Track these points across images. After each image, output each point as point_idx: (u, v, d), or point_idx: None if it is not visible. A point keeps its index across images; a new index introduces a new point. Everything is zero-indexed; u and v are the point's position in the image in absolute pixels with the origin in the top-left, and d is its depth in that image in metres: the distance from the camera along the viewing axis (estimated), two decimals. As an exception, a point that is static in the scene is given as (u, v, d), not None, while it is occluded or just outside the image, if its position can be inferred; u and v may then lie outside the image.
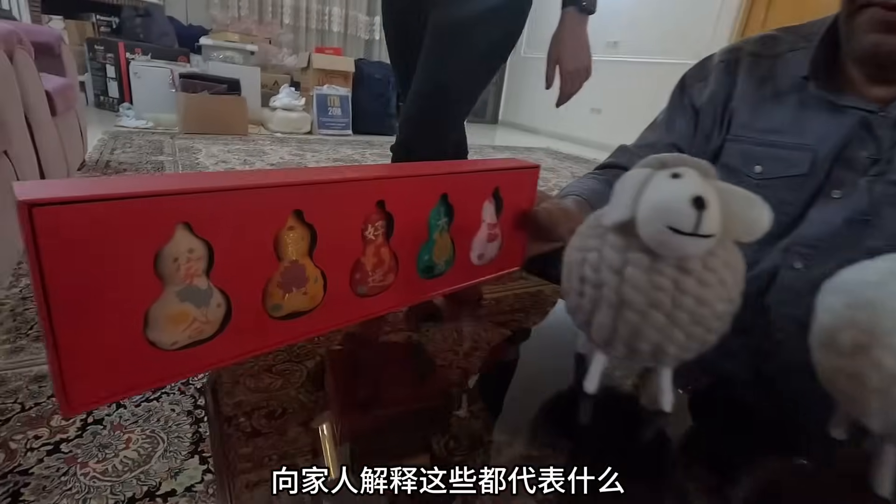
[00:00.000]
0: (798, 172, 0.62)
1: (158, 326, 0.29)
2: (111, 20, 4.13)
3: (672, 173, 0.28)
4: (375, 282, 0.41)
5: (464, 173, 0.45)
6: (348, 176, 0.36)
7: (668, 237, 0.27)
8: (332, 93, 4.15)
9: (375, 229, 0.39)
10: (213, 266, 0.30)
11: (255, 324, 0.34)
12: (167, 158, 2.69)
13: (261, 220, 0.32)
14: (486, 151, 4.42)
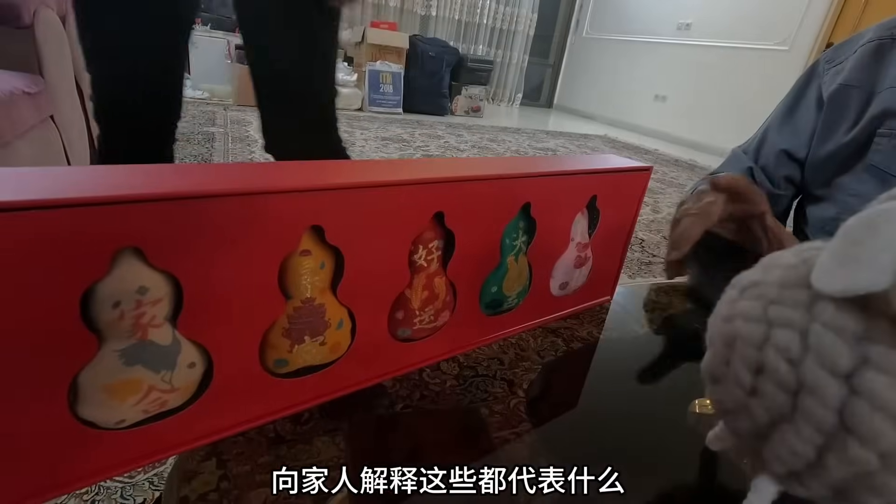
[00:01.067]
0: None
1: (93, 400, 0.19)
2: (173, -11, 4.16)
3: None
4: (424, 322, 0.29)
5: (555, 175, 0.32)
6: (394, 177, 0.24)
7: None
8: (385, 69, 4.05)
9: (429, 252, 0.28)
10: (183, 310, 0.20)
11: (247, 386, 0.23)
12: (219, 130, 2.68)
13: (258, 242, 0.21)
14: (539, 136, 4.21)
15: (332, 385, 0.27)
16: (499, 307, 0.34)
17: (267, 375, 0.24)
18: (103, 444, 0.20)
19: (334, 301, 0.25)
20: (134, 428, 0.21)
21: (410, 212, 0.26)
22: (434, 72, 4.54)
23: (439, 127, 3.85)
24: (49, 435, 0.19)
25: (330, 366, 0.26)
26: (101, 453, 0.20)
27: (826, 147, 0.55)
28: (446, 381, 0.31)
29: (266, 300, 0.22)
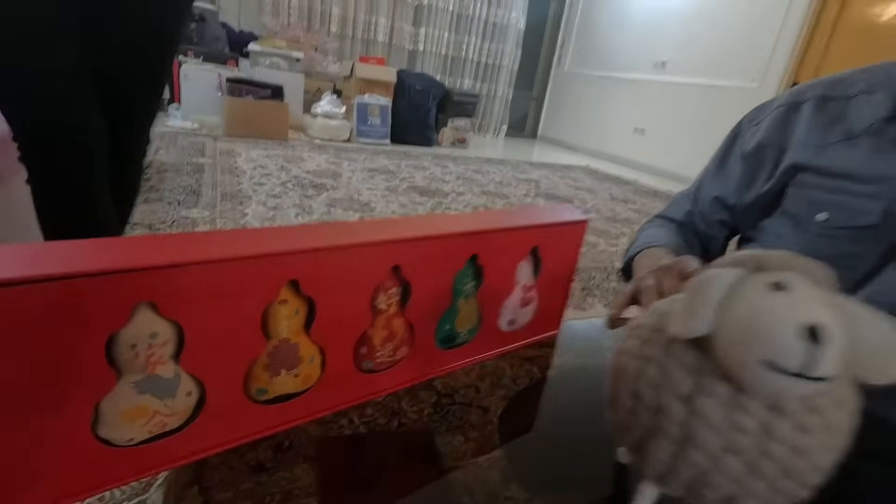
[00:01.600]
0: (868, 223, 0.53)
1: (111, 423, 0.24)
2: (167, 24, 4.27)
3: (773, 282, 0.21)
4: (385, 356, 0.35)
5: (498, 231, 0.38)
6: (358, 239, 0.30)
7: (762, 374, 0.20)
8: (373, 102, 4.17)
9: (388, 297, 0.33)
10: (184, 349, 0.25)
11: (234, 411, 0.29)
12: (207, 161, 2.73)
13: (245, 294, 0.27)
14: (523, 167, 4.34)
15: (306, 410, 0.32)
16: (452, 342, 0.40)
17: (249, 402, 0.29)
18: (116, 458, 0.25)
19: (307, 340, 0.30)
20: (140, 445, 0.26)
21: (372, 266, 0.32)
22: (421, 105, 4.68)
23: (425, 158, 3.95)
24: (75, 450, 0.24)
25: (303, 394, 0.32)
26: (114, 466, 0.25)
27: (749, 196, 0.63)
28: (424, 408, 0.36)
29: (250, 340, 0.28)
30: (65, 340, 0.22)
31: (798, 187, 0.60)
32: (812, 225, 0.58)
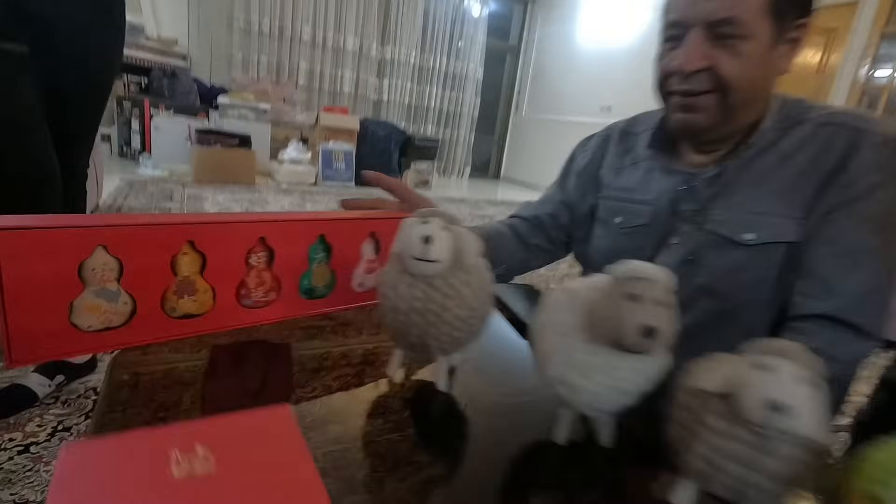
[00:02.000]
0: (643, 223, 0.76)
1: (78, 314, 0.44)
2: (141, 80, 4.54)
3: (422, 220, 0.43)
4: (258, 297, 0.55)
5: (342, 220, 0.60)
6: (235, 219, 0.51)
7: (409, 261, 0.41)
8: (337, 148, 4.45)
9: (258, 258, 0.54)
10: (123, 275, 0.45)
11: (155, 319, 0.48)
12: (175, 205, 2.92)
13: (162, 246, 0.47)
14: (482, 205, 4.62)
15: (204, 326, 0.52)
16: (312, 293, 0.60)
17: (164, 315, 0.49)
18: (80, 337, 0.44)
19: (202, 280, 0.50)
20: (95, 332, 0.45)
21: (245, 235, 0.52)
22: (384, 150, 5.00)
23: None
24: (57, 329, 0.43)
25: (202, 316, 0.51)
26: (79, 342, 0.44)
27: (583, 207, 0.86)
28: (295, 335, 0.56)
29: (164, 275, 0.48)
30: (57, 263, 0.41)
31: (605, 199, 0.84)
32: (613, 227, 0.81)
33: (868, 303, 0.60)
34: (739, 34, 0.60)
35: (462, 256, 0.42)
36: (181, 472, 0.23)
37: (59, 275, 0.42)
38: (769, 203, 0.65)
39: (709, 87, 0.63)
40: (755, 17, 0.60)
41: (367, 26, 5.88)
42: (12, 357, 0.41)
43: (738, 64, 0.61)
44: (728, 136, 0.69)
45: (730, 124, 0.67)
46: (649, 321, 0.30)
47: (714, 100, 0.64)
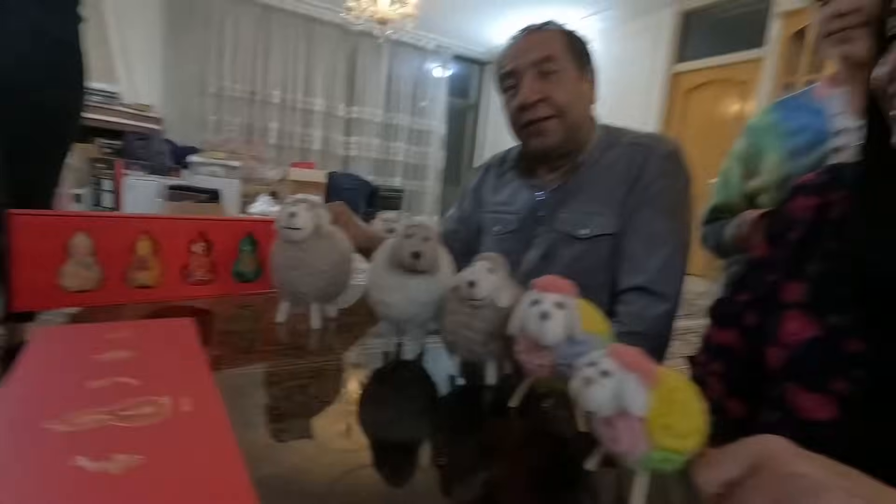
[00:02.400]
0: (513, 229, 0.98)
1: (64, 277, 0.62)
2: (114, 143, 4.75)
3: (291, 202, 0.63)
4: (200, 276, 0.74)
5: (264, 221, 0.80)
6: (181, 216, 0.71)
7: (280, 231, 0.61)
8: (304, 200, 4.67)
9: (198, 247, 0.74)
10: (96, 252, 0.64)
11: (118, 286, 0.67)
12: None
13: (124, 235, 0.66)
14: (444, 249, 4.85)
15: (157, 295, 0.70)
16: (243, 278, 0.79)
17: (125, 285, 0.67)
18: (65, 294, 0.62)
19: (155, 260, 0.69)
20: (75, 292, 0.63)
21: (189, 229, 0.72)
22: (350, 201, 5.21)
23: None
24: (49, 289, 0.61)
25: (154, 287, 0.70)
26: (63, 298, 0.62)
27: (474, 221, 1.08)
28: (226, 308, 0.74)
29: (126, 254, 0.67)
30: (51, 240, 0.60)
31: (487, 213, 1.06)
32: (493, 234, 1.03)
33: (666, 274, 0.82)
34: (557, 68, 0.85)
35: (321, 227, 0.62)
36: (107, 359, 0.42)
37: (52, 248, 0.61)
38: (596, 205, 0.88)
39: (549, 113, 0.87)
40: (563, 55, 0.85)
41: (334, 89, 6.30)
42: (15, 303, 0.59)
43: (564, 91, 0.86)
44: (568, 155, 0.93)
45: (570, 142, 0.90)
46: (416, 248, 0.51)
47: (556, 123, 0.88)
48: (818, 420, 0.44)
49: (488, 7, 5.40)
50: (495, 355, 0.52)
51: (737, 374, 0.60)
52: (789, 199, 0.55)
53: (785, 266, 0.52)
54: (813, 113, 0.89)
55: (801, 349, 0.46)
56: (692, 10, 4.63)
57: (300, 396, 0.47)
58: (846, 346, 0.43)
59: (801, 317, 0.47)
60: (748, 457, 0.30)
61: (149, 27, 5.16)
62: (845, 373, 0.43)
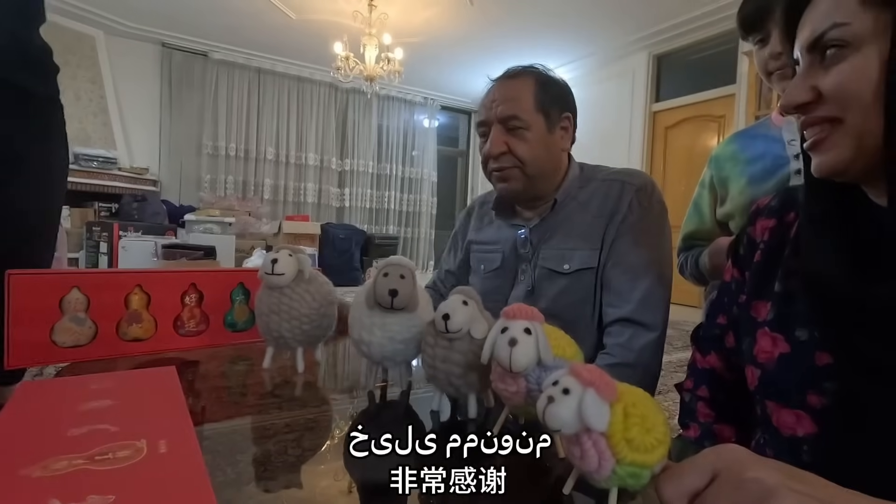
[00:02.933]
0: (497, 267, 1.01)
1: (57, 334, 0.64)
2: (111, 206, 4.84)
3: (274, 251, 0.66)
4: (191, 328, 0.76)
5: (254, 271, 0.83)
6: (172, 268, 0.74)
7: (264, 277, 0.64)
8: (300, 252, 4.72)
9: (190, 298, 0.76)
10: (90, 307, 0.66)
11: (112, 340, 0.68)
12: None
13: (117, 288, 0.69)
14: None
15: (148, 348, 0.72)
16: (235, 328, 0.81)
17: (119, 338, 0.69)
18: (57, 350, 0.64)
19: (147, 313, 0.72)
20: (68, 347, 0.65)
21: (181, 281, 0.74)
22: (345, 250, 5.30)
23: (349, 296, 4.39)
24: (43, 344, 0.63)
25: (147, 339, 0.71)
26: (56, 354, 0.64)
27: (463, 263, 1.11)
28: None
29: (119, 308, 0.69)
30: (46, 298, 0.63)
31: (473, 252, 1.10)
32: (480, 272, 1.06)
33: (649, 304, 0.85)
34: (522, 126, 0.90)
35: (303, 272, 0.65)
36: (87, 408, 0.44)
37: (47, 306, 0.63)
38: (576, 240, 0.91)
39: (511, 164, 0.92)
40: (529, 113, 0.91)
41: (326, 144, 6.49)
42: (9, 361, 0.60)
43: (525, 146, 0.91)
44: (542, 196, 0.97)
45: (535, 188, 0.94)
46: (392, 286, 0.54)
47: (518, 172, 0.92)
48: (798, 437, 0.45)
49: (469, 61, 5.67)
50: (476, 388, 0.53)
51: (723, 397, 0.62)
52: (750, 223, 0.58)
53: (752, 287, 0.54)
54: (770, 140, 0.94)
55: (773, 366, 0.48)
56: (664, 53, 4.88)
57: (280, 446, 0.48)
58: (815, 359, 0.44)
59: (770, 335, 0.49)
60: (708, 467, 0.32)
61: (146, 94, 5.37)
62: (818, 386, 0.44)
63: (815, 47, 0.41)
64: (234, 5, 4.50)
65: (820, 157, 0.43)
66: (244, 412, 0.57)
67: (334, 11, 4.47)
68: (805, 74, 0.42)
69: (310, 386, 0.66)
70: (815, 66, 0.42)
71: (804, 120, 0.43)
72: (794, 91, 0.43)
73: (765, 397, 0.49)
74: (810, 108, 0.42)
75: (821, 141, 0.42)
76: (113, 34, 5.04)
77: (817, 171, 0.44)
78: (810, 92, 0.41)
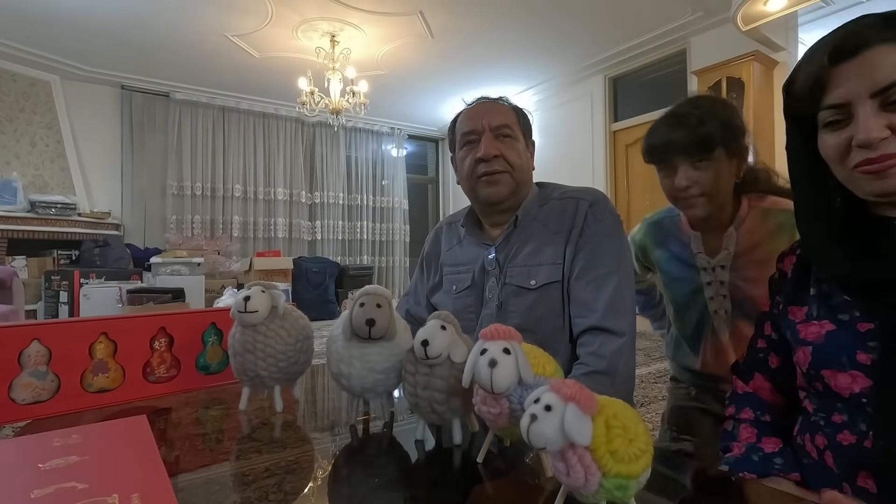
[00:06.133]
0: (467, 286, 1.01)
1: (16, 390, 0.60)
2: (72, 253, 4.67)
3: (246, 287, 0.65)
4: (161, 374, 0.73)
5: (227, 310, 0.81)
6: (138, 313, 0.71)
7: (237, 316, 0.62)
8: (272, 288, 4.63)
9: (159, 343, 0.73)
10: (52, 360, 0.63)
11: (76, 394, 0.65)
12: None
13: (81, 338, 0.66)
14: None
15: (116, 398, 0.68)
16: (207, 370, 0.78)
17: (83, 390, 0.66)
18: (16, 408, 0.60)
19: (114, 362, 0.69)
20: (27, 404, 0.61)
21: (150, 325, 0.72)
22: (319, 283, 5.23)
23: (325, 329, 4.32)
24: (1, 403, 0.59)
25: (114, 390, 0.68)
26: (15, 412, 0.60)
27: (430, 283, 1.11)
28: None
29: (83, 359, 0.66)
30: (2, 352, 0.60)
31: (445, 274, 1.10)
32: (452, 293, 1.06)
33: (615, 310, 0.86)
34: (512, 135, 0.94)
35: (276, 308, 0.64)
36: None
37: (3, 361, 0.60)
38: (540, 257, 0.93)
39: (502, 168, 0.94)
40: (516, 126, 0.95)
41: (295, 178, 6.45)
42: (-37, 425, 0.56)
43: (515, 153, 0.94)
44: (510, 210, 0.99)
45: (517, 195, 0.97)
46: (369, 315, 0.53)
47: (508, 178, 0.95)
48: (857, 393, 0.50)
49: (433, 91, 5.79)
50: (459, 413, 0.53)
51: (767, 416, 0.66)
52: (779, 261, 0.66)
53: (787, 296, 0.61)
54: (682, 245, 1.02)
55: (823, 340, 0.54)
56: (618, 75, 5.10)
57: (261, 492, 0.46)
58: (858, 327, 0.51)
59: (816, 322, 0.55)
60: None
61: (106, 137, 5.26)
62: (864, 346, 0.50)
63: (881, 93, 0.47)
64: (195, 46, 4.50)
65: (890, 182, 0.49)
66: (221, 459, 0.55)
67: (297, 49, 4.52)
68: (876, 115, 0.48)
69: (289, 426, 0.64)
70: (880, 111, 0.48)
71: (881, 155, 0.48)
72: (873, 128, 0.48)
73: (820, 368, 0.54)
74: (883, 144, 0.48)
75: (886, 168, 0.48)
76: (69, 78, 4.96)
77: (883, 192, 0.50)
78: (886, 130, 0.47)
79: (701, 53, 4.20)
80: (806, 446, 0.56)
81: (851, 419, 0.51)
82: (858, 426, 0.50)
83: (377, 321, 0.53)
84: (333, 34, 4.25)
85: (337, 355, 0.57)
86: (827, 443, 0.53)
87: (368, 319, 0.53)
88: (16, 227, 4.17)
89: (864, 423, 0.50)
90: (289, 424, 0.64)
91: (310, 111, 4.57)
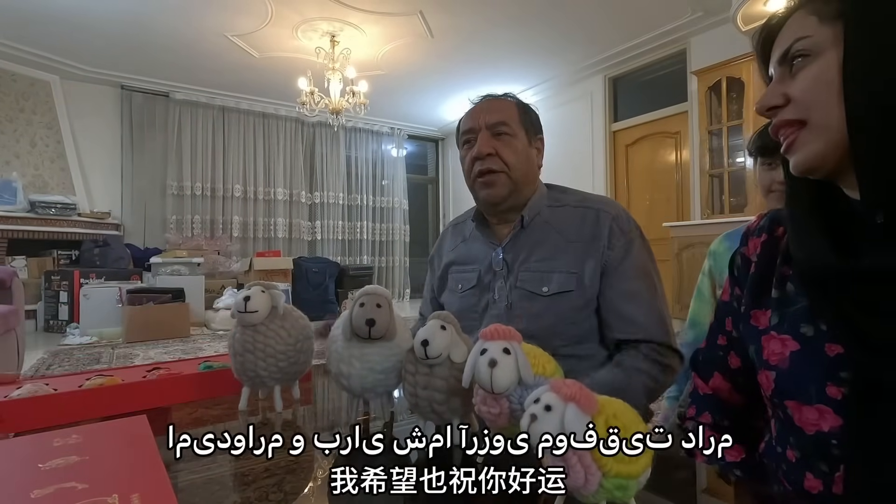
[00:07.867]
0: (472, 285, 1.01)
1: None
2: (72, 253, 4.67)
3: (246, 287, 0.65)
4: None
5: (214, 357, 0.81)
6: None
7: (237, 316, 0.62)
8: (272, 288, 4.63)
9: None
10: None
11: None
12: (103, 365, 2.91)
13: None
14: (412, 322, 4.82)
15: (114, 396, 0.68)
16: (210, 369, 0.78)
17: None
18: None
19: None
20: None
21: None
22: (319, 283, 5.23)
23: (323, 327, 4.31)
24: None
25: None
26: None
27: (436, 282, 1.11)
28: None
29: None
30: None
31: (451, 273, 1.10)
32: (458, 292, 1.06)
33: (656, 323, 0.88)
34: (509, 132, 0.93)
35: (277, 308, 0.63)
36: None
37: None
38: (553, 264, 0.93)
39: (498, 167, 0.93)
40: (515, 123, 0.94)
41: (295, 178, 6.46)
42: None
43: (511, 151, 0.93)
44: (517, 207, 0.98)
45: (517, 195, 0.96)
46: (369, 315, 0.53)
47: (504, 178, 0.94)
48: (824, 432, 0.45)
49: (433, 91, 5.79)
50: (459, 413, 0.53)
51: (727, 422, 0.62)
52: (742, 244, 0.60)
53: (749, 298, 0.56)
54: None
55: (787, 366, 0.48)
56: (618, 75, 5.10)
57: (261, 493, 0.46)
58: (826, 351, 0.45)
59: (778, 337, 0.50)
60: None
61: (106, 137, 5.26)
62: (835, 377, 0.44)
63: (784, 60, 0.47)
64: (194, 46, 4.50)
65: (794, 157, 0.47)
66: (221, 458, 0.55)
67: (297, 49, 4.52)
68: (777, 83, 0.48)
69: (289, 425, 0.64)
70: (784, 77, 0.47)
71: (775, 123, 0.48)
72: (767, 96, 0.48)
73: (784, 398, 0.49)
74: (780, 111, 0.47)
75: (792, 142, 0.47)
76: (69, 78, 4.96)
77: (794, 169, 0.48)
78: (781, 97, 0.47)
79: (701, 53, 4.20)
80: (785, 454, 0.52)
81: (822, 457, 0.45)
82: (819, 467, 0.46)
83: (377, 321, 0.53)
84: (333, 34, 4.25)
85: (337, 355, 0.57)
86: (790, 485, 0.49)
87: (368, 319, 0.53)
88: (16, 227, 4.17)
89: (825, 464, 0.45)
90: (288, 424, 0.64)
91: (310, 111, 4.57)
